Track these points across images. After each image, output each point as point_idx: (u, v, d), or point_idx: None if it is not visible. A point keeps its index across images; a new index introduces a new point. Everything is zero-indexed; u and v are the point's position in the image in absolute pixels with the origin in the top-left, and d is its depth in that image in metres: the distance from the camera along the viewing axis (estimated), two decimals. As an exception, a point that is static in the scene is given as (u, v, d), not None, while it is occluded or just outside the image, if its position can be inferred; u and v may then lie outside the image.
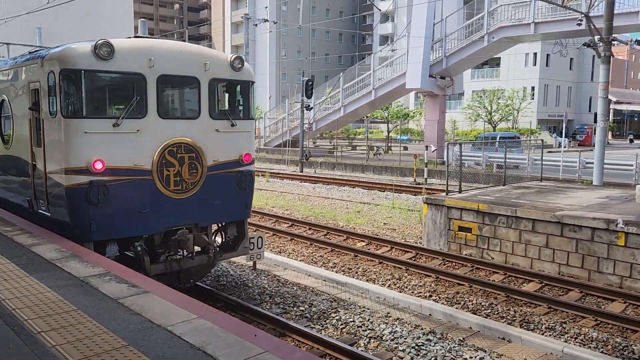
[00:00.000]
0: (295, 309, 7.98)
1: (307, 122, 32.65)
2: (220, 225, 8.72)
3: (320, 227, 13.60)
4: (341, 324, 7.38)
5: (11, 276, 5.21)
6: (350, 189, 21.12)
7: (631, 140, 57.62)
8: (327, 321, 7.51)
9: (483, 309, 8.39)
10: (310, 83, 28.79)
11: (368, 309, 8.14)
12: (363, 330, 7.17)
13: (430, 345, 6.72)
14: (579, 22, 18.08)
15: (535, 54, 52.67)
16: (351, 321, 7.44)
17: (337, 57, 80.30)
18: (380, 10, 44.80)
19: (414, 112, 49.27)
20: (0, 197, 9.52)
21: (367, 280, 9.83)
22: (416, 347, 6.64)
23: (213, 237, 8.59)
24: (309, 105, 30.34)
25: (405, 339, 6.85)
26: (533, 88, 53.45)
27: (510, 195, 12.44)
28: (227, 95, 8.53)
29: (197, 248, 8.21)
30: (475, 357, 6.51)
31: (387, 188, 20.55)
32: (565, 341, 7.20)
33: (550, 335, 7.42)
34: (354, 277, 9.90)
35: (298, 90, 33.33)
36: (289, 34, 75.44)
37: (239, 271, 9.88)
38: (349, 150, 40.87)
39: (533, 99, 52.18)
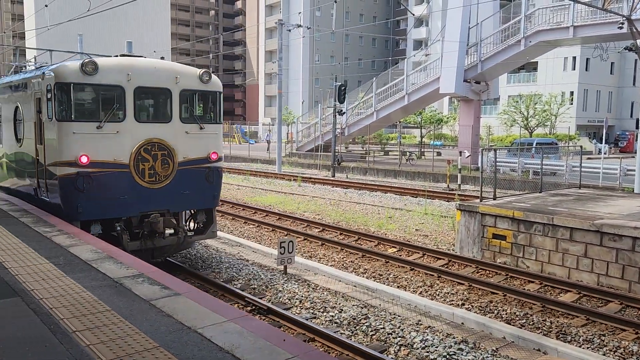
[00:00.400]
0: (325, 314, 7.95)
1: (339, 127, 32.64)
2: (192, 212, 10.27)
3: (351, 233, 13.54)
4: (371, 331, 7.32)
5: (49, 276, 5.36)
6: (382, 195, 20.99)
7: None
8: (357, 327, 7.45)
9: (517, 318, 8.18)
10: (343, 88, 28.80)
11: (399, 316, 8.05)
12: (393, 338, 7.09)
13: (462, 354, 6.59)
14: (620, 25, 17.53)
15: (574, 58, 51.38)
16: (381, 328, 7.37)
17: (370, 62, 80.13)
18: (414, 14, 44.53)
19: (447, 117, 48.66)
20: (13, 187, 11.30)
21: (398, 286, 9.73)
22: (447, 356, 6.52)
23: (187, 223, 10.26)
24: (342, 110, 30.33)
25: (437, 347, 6.74)
26: (572, 93, 52.11)
27: (546, 203, 12.12)
28: (197, 103, 9.92)
29: (172, 230, 9.65)
30: (509, 368, 6.35)
31: (420, 194, 20.33)
32: (604, 354, 6.96)
33: (588, 347, 7.19)
34: (384, 284, 9.81)
35: (331, 95, 33.38)
36: (322, 39, 75.77)
37: (270, 275, 9.92)
38: (381, 155, 40.65)
39: (572, 104, 50.86)
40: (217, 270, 10.27)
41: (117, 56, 9.43)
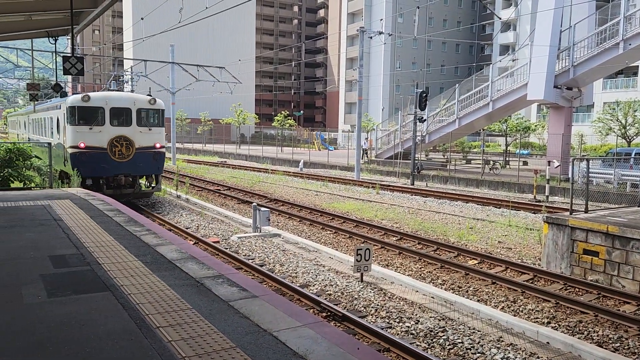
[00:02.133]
0: (400, 324, 7.80)
1: (419, 134, 32.12)
2: (145, 177, 18.02)
3: (429, 242, 13.24)
4: (449, 345, 7.09)
5: (137, 273, 5.67)
6: (463, 204, 20.37)
7: None
8: (433, 340, 7.25)
9: (611, 342, 7.60)
10: (424, 95, 28.32)
11: (478, 331, 7.74)
12: (472, 354, 6.82)
13: (547, 376, 6.21)
14: None
15: (680, 61, 47.28)
16: (460, 342, 7.12)
17: (453, 68, 78.39)
18: (500, 18, 43.00)
19: (535, 125, 46.41)
20: (57, 161, 17.59)
21: (478, 300, 9.37)
22: (531, 377, 6.16)
23: (147, 183, 18.32)
24: (422, 118, 29.83)
25: (519, 367, 6.40)
26: (677, 99, 47.92)
27: (646, 218, 11.19)
28: (147, 115, 17.39)
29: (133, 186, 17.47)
30: (600, 395, 5.90)
31: (504, 204, 19.52)
32: None
33: (693, 379, 6.52)
34: (464, 296, 9.48)
35: (411, 102, 32.95)
36: (404, 45, 75.13)
37: (346, 282, 9.90)
38: (463, 163, 39.50)
39: (677, 111, 46.74)
40: (293, 274, 10.41)
41: (102, 91, 17.29)
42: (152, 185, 18.06)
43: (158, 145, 17.37)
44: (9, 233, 7.55)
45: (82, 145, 15.95)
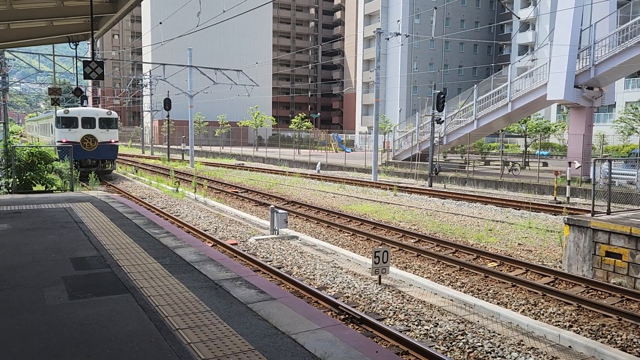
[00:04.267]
0: (419, 327, 7.74)
1: (437, 135, 31.91)
2: (106, 160, 28.65)
3: (448, 244, 13.12)
4: (468, 348, 7.01)
5: (157, 275, 5.71)
6: (482, 206, 20.16)
7: None
8: (453, 343, 7.17)
9: (635, 346, 7.44)
10: (442, 96, 28.14)
11: (498, 334, 7.64)
12: (492, 357, 6.73)
13: (569, 381, 6.10)
14: None
15: None
16: (479, 346, 7.03)
17: (471, 69, 77.75)
18: (519, 18, 42.45)
19: (555, 126, 45.80)
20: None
21: (498, 303, 9.25)
22: (553, 382, 6.06)
23: (107, 164, 28.70)
24: (440, 119, 29.63)
25: (540, 371, 6.29)
26: (702, 98, 46.85)
27: (671, 220, 10.95)
28: (106, 122, 28.66)
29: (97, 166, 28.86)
30: (624, 400, 5.77)
31: (523, 206, 19.28)
32: None
33: None
34: (483, 299, 9.37)
35: (429, 103, 32.76)
36: (421, 46, 74.75)
37: (364, 284, 9.86)
38: (481, 165, 39.15)
39: (702, 110, 45.67)
40: (311, 277, 10.40)
41: (79, 107, 30.42)
42: (109, 164, 28.49)
43: (113, 141, 28.35)
44: (32, 235, 7.68)
45: (64, 140, 25.81)
